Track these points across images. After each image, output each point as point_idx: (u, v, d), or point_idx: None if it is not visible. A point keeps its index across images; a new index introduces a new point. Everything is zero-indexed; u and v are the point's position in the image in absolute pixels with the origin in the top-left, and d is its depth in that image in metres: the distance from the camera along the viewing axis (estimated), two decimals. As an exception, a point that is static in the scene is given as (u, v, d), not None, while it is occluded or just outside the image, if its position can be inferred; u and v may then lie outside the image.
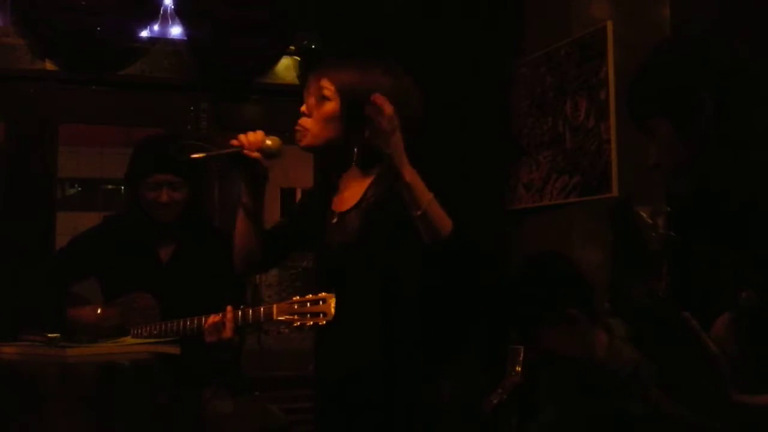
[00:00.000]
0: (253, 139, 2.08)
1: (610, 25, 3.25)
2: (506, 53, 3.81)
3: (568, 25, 3.51)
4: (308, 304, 2.17)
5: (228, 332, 2.47)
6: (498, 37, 3.78)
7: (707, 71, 1.42)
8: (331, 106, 2.09)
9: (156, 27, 3.62)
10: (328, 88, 2.09)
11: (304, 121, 2.12)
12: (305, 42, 3.79)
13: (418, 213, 1.91)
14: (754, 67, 1.42)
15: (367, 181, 2.14)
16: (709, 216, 1.46)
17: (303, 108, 2.13)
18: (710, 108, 1.39)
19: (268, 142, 2.10)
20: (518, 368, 2.88)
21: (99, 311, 2.82)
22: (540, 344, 2.38)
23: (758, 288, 1.30)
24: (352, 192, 2.15)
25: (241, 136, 2.09)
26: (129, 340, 2.57)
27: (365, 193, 2.13)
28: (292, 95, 3.83)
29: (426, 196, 1.91)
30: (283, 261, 2.48)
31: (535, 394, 2.74)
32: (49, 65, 3.56)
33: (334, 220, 2.15)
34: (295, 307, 2.19)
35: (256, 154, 2.09)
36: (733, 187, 1.41)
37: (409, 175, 1.90)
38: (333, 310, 2.10)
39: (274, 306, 2.36)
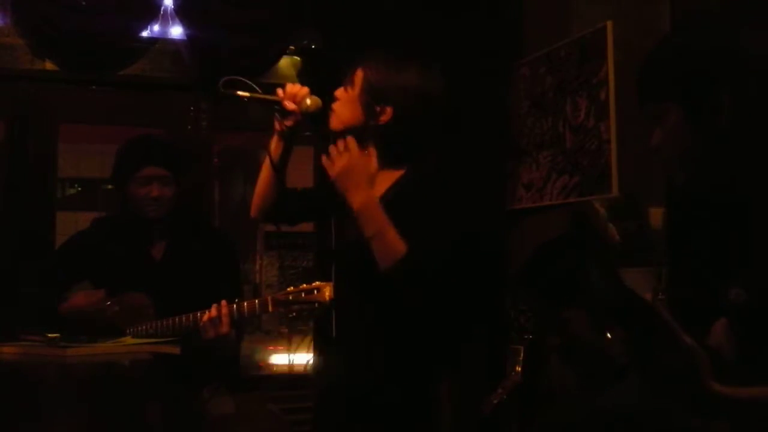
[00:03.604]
0: (295, 92, 2.18)
1: (610, 25, 3.25)
2: (506, 53, 3.81)
3: (568, 25, 3.51)
4: (303, 294, 2.17)
5: (224, 327, 2.47)
6: (498, 37, 3.78)
7: (729, 60, 1.38)
8: (355, 91, 2.14)
9: (156, 27, 3.62)
10: (357, 75, 2.15)
11: (334, 105, 2.18)
12: (305, 42, 3.79)
13: (365, 239, 1.98)
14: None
15: (394, 177, 2.15)
16: (707, 210, 1.44)
17: (336, 92, 2.19)
18: (727, 99, 1.36)
19: (308, 101, 2.17)
20: (518, 368, 2.88)
21: (99, 300, 2.78)
22: (568, 329, 2.35)
23: (747, 286, 1.29)
24: (377, 187, 2.14)
25: (288, 87, 2.18)
26: (129, 340, 2.57)
27: (388, 190, 2.13)
28: (292, 95, 3.84)
29: (373, 226, 1.97)
30: (298, 221, 2.50)
31: (539, 391, 2.73)
32: (49, 65, 3.56)
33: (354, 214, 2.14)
34: (290, 297, 2.19)
35: (293, 106, 2.16)
36: (737, 182, 1.38)
37: (357, 204, 1.98)
38: (328, 298, 2.11)
39: (269, 297, 2.37)
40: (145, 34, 3.59)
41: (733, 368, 1.29)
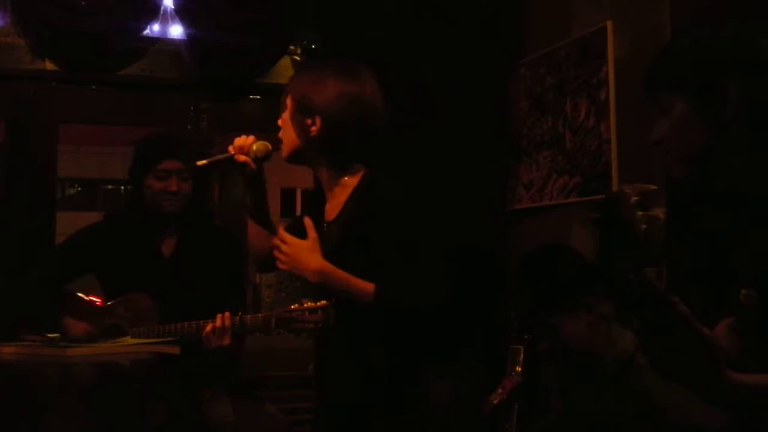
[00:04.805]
0: (241, 143, 2.21)
1: (610, 25, 3.25)
2: (506, 54, 3.81)
3: (568, 25, 3.51)
4: (307, 313, 2.17)
5: (227, 339, 2.48)
6: (498, 38, 3.78)
7: (737, 55, 1.38)
8: (287, 114, 2.16)
9: (156, 27, 3.62)
10: (287, 97, 2.17)
11: (279, 134, 2.19)
12: (305, 42, 3.79)
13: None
14: None
15: (348, 189, 2.15)
16: (709, 207, 1.43)
17: (278, 122, 2.20)
18: (735, 93, 1.36)
19: (254, 147, 2.21)
20: (518, 368, 2.88)
21: (95, 313, 2.80)
22: (557, 334, 2.35)
23: (759, 286, 1.29)
24: (338, 200, 2.17)
25: (236, 140, 2.22)
26: (129, 340, 2.57)
27: (345, 204, 2.14)
28: (292, 95, 3.84)
29: (337, 287, 2.02)
30: None
31: (539, 391, 2.73)
32: (49, 65, 3.56)
33: (324, 229, 2.16)
34: (294, 315, 2.19)
35: (243, 158, 2.20)
36: (745, 178, 1.37)
37: (315, 279, 2.02)
38: (333, 319, 2.11)
39: (273, 316, 2.37)
40: (145, 34, 3.59)
41: (737, 365, 1.29)
